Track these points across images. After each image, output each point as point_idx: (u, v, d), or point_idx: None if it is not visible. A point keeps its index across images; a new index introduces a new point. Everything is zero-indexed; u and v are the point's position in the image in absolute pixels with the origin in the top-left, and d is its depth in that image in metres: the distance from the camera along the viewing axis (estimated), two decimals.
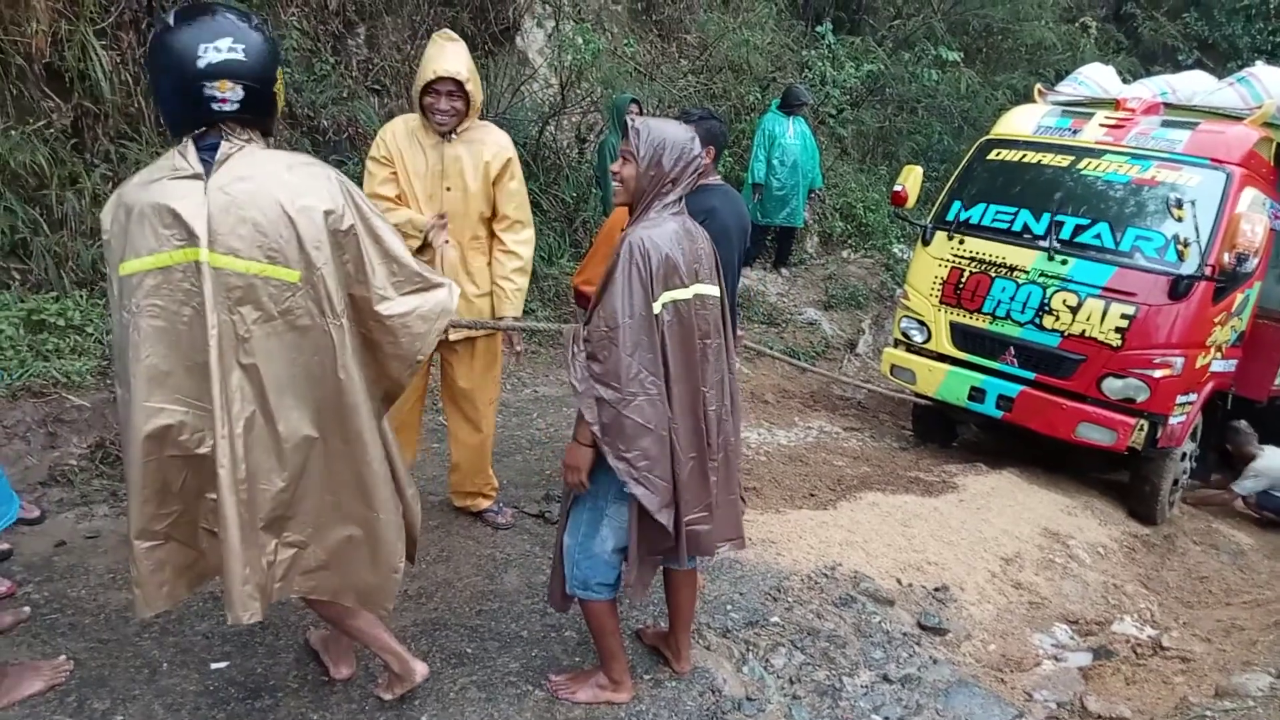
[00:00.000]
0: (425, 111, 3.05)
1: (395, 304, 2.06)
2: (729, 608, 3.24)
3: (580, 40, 7.51)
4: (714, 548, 2.57)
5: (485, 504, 3.72)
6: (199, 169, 1.87)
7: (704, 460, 2.42)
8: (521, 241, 3.32)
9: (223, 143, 1.89)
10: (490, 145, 3.18)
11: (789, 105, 8.05)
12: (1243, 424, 5.92)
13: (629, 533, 2.39)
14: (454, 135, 3.11)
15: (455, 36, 3.06)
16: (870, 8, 11.72)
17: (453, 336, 3.25)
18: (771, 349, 7.26)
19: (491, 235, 3.31)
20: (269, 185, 1.89)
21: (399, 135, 3.12)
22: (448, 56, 2.99)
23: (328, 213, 1.94)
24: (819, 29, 10.54)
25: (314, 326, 1.95)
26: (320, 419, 2.01)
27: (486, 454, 3.62)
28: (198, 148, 1.89)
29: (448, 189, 3.14)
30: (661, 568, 2.68)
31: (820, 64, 10.11)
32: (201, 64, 1.81)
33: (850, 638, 3.22)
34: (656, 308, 2.25)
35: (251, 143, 1.94)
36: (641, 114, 6.96)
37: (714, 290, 2.45)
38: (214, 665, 2.59)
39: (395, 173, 3.12)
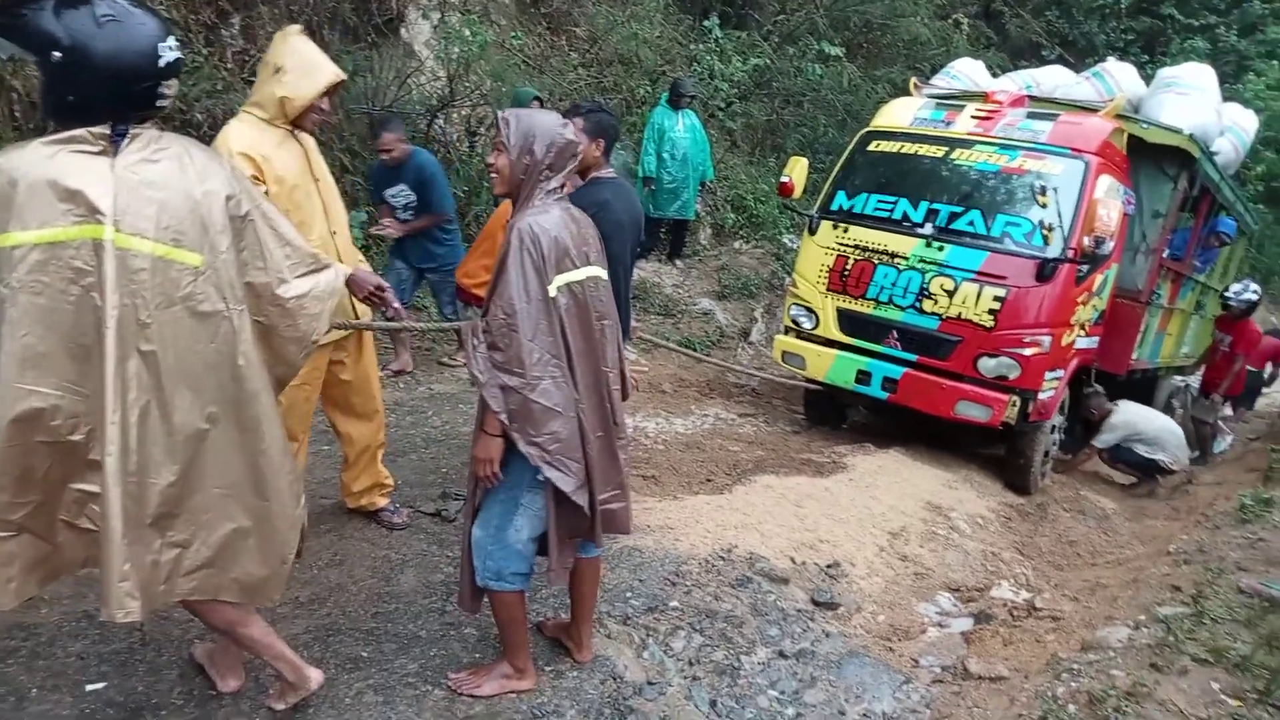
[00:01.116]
0: (306, 112, 2.95)
1: (293, 286, 2.08)
2: (629, 595, 3.28)
3: (467, 32, 7.41)
4: (629, 525, 2.63)
5: (382, 503, 3.66)
6: (107, 147, 1.82)
7: (611, 439, 2.46)
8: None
9: (131, 127, 1.86)
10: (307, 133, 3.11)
11: (676, 98, 8.12)
12: (1096, 388, 6.34)
13: (547, 518, 2.41)
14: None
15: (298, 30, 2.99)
16: (755, 3, 11.93)
17: (335, 336, 3.16)
18: (668, 340, 7.35)
19: None
20: (175, 168, 1.88)
21: (254, 141, 2.88)
22: (323, 54, 2.96)
23: (228, 198, 1.93)
24: (706, 23, 10.69)
25: (215, 313, 1.92)
26: (216, 408, 1.96)
27: (380, 442, 3.56)
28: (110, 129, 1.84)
29: (316, 180, 3.06)
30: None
31: (708, 58, 10.27)
32: (162, 63, 1.83)
33: (747, 617, 3.30)
34: (552, 291, 2.28)
35: (151, 128, 1.91)
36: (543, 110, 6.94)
37: (604, 272, 2.50)
38: (90, 687, 2.46)
39: (267, 191, 2.90)
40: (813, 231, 6.04)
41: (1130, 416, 6.29)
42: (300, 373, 3.05)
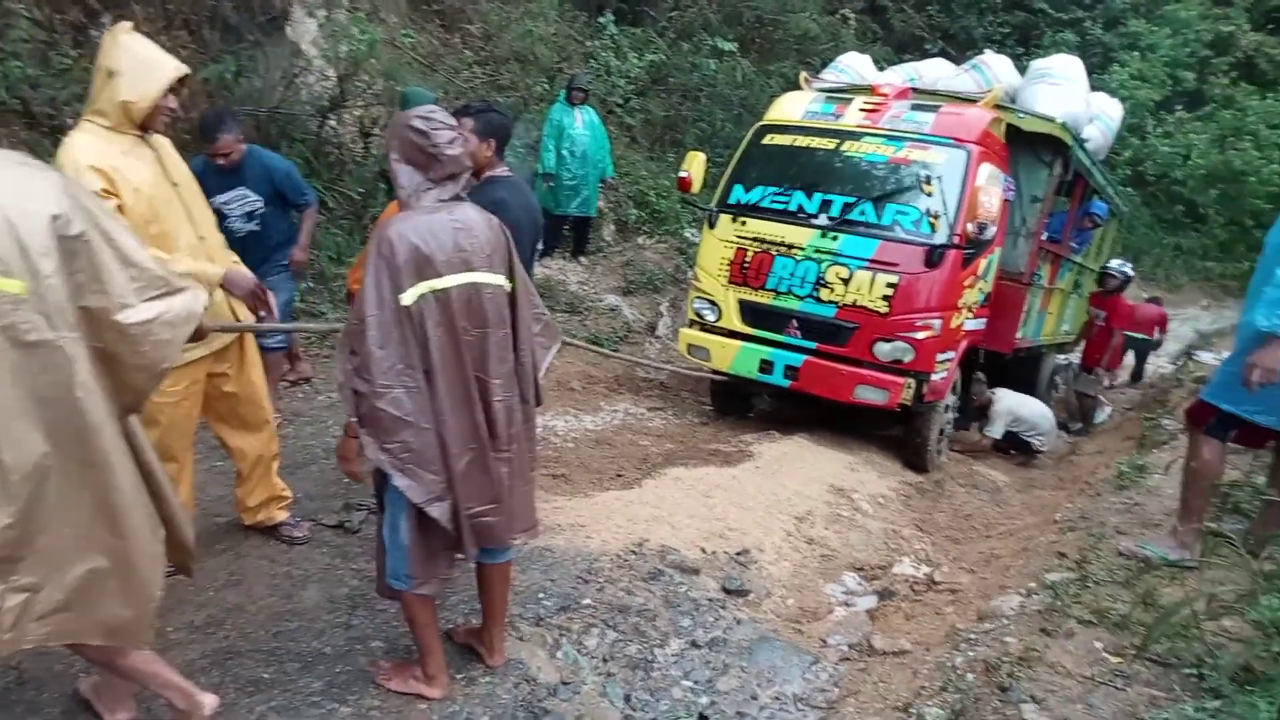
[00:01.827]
0: (153, 114, 2.77)
1: (137, 311, 1.90)
2: (541, 595, 3.27)
3: (355, 30, 7.22)
4: (508, 539, 2.59)
5: (281, 517, 3.53)
6: None
7: (485, 452, 2.41)
8: None
9: None
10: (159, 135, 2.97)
11: (572, 94, 8.11)
12: (978, 375, 6.66)
13: (407, 525, 2.38)
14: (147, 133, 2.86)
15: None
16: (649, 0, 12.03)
17: (216, 344, 3.04)
18: (575, 337, 7.34)
19: None
20: None
21: (101, 152, 2.70)
22: (159, 50, 2.80)
23: (54, 217, 1.75)
24: (601, 19, 10.70)
25: (43, 342, 1.76)
26: (54, 444, 1.80)
27: (274, 452, 3.44)
28: None
29: (175, 184, 2.91)
30: (475, 565, 2.68)
31: (604, 54, 10.28)
32: None
33: (660, 610, 3.33)
34: (407, 299, 2.24)
35: None
36: None
37: (496, 279, 2.44)
38: None
39: (121, 205, 2.72)
40: (712, 225, 6.12)
41: (1010, 404, 6.64)
42: (178, 388, 2.95)
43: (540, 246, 4.41)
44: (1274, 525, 3.29)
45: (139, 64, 2.72)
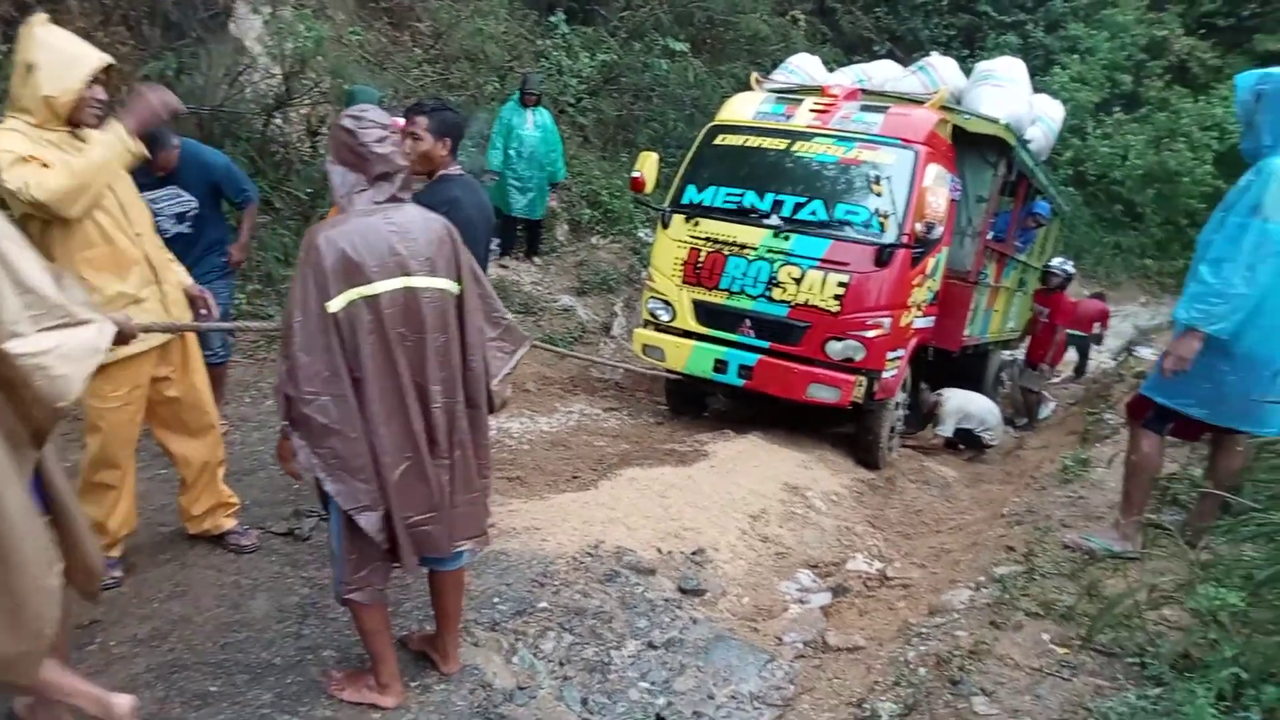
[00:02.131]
0: (79, 107, 2.69)
1: (29, 341, 1.78)
2: (496, 600, 3.24)
3: (301, 27, 7.09)
4: (449, 548, 2.51)
5: (228, 525, 3.45)
6: None
7: (423, 461, 2.35)
8: None
9: None
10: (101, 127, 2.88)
11: (525, 95, 8.04)
12: (923, 385, 6.83)
13: (341, 532, 2.35)
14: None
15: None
16: None
17: (156, 341, 2.96)
18: (529, 338, 7.29)
19: None
20: None
21: (28, 152, 2.59)
22: (79, 41, 2.72)
23: None
24: (552, 19, 10.66)
25: None
26: None
27: (219, 459, 3.36)
28: None
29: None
30: (428, 571, 2.64)
31: (556, 54, 10.23)
32: None
33: (616, 611, 3.32)
34: (334, 306, 2.19)
35: None
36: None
37: (437, 283, 2.37)
38: None
39: None
40: (665, 225, 6.13)
41: (959, 402, 6.80)
42: (120, 393, 2.87)
43: (495, 246, 4.37)
44: (1210, 516, 3.40)
45: (57, 56, 2.64)
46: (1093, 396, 8.57)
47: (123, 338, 2.18)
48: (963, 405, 6.76)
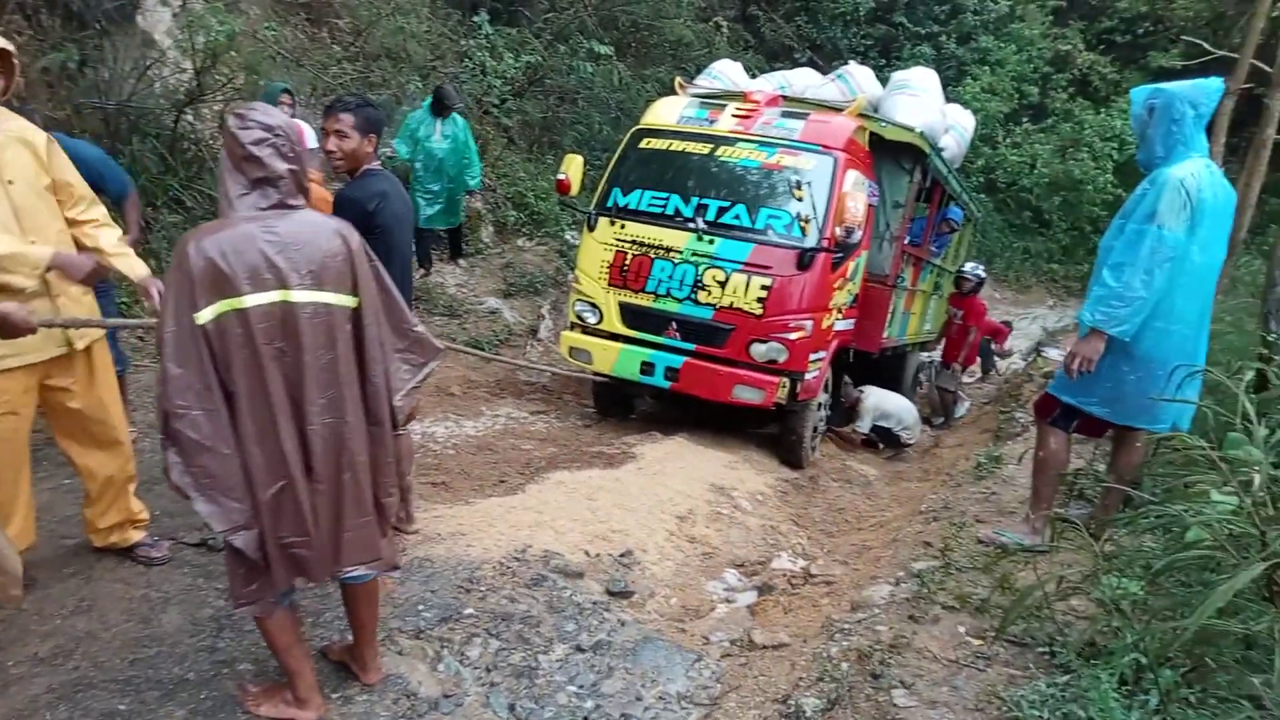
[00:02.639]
0: None
1: None
2: (420, 607, 3.19)
3: (213, 20, 6.85)
4: (324, 576, 2.40)
5: (137, 537, 3.31)
6: None
7: (295, 485, 2.23)
8: (104, 213, 3.05)
9: None
10: (22, 125, 2.78)
11: (438, 106, 7.75)
12: (846, 379, 7.00)
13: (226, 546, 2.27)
14: None
15: None
16: (525, 0, 11.94)
17: (45, 354, 2.83)
18: (454, 341, 7.20)
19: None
20: None
21: None
22: None
23: None
24: (475, 19, 10.55)
25: None
26: None
27: (129, 474, 3.22)
28: None
29: (10, 182, 2.69)
30: (340, 583, 2.58)
31: (479, 54, 10.14)
32: None
33: (544, 616, 3.31)
34: (205, 318, 2.09)
35: None
36: (294, 105, 6.55)
37: (322, 298, 2.23)
38: None
39: None
40: (592, 228, 6.13)
41: (877, 400, 6.99)
42: (2, 400, 2.73)
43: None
44: (1113, 510, 3.57)
45: None
46: (1004, 396, 8.89)
47: (10, 330, 2.04)
48: (879, 404, 6.95)
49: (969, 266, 8.79)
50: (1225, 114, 9.14)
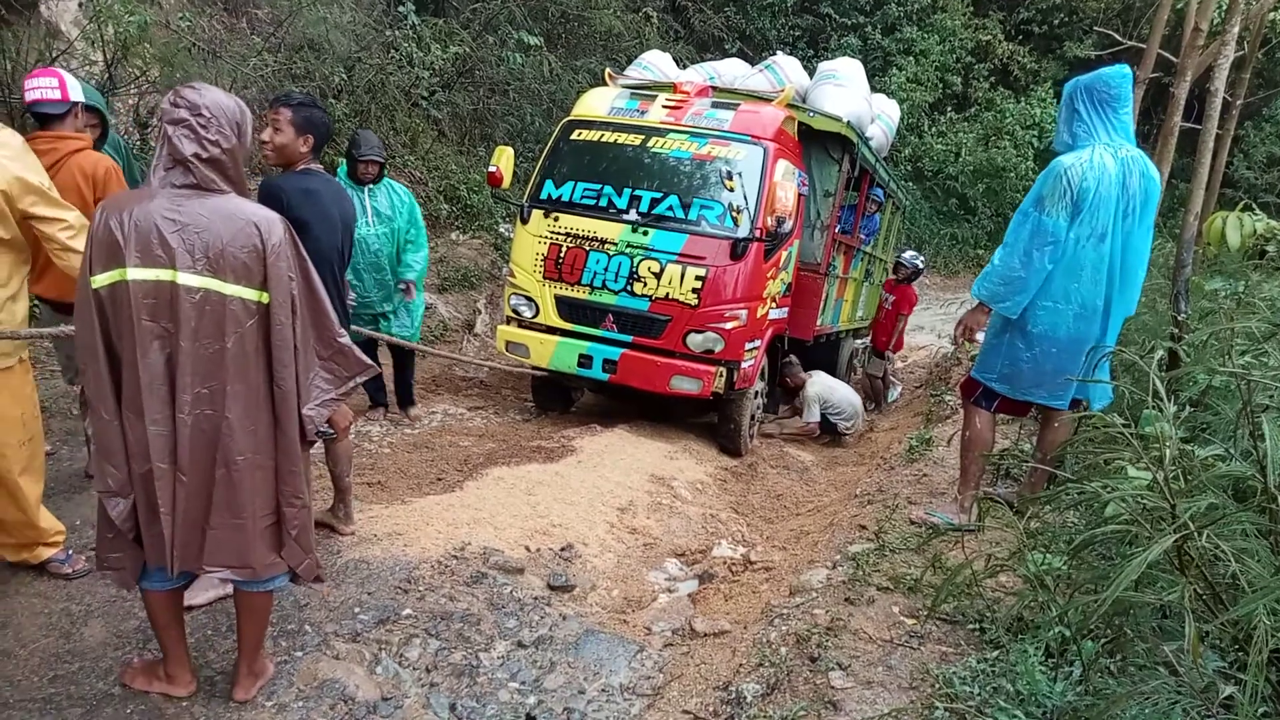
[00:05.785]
0: None
1: None
2: (357, 610, 3.14)
3: (123, 11, 6.58)
4: (177, 569, 2.29)
5: (49, 553, 3.17)
6: None
7: (154, 473, 2.18)
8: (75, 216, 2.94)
9: None
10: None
11: (357, 166, 5.26)
12: (791, 358, 7.05)
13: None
14: None
15: None
16: None
17: None
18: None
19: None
20: None
21: None
22: None
23: None
24: (401, 9, 10.35)
25: None
26: None
27: (28, 504, 3.01)
28: None
29: None
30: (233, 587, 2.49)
31: (406, 45, 9.95)
32: None
33: (484, 613, 3.29)
34: (99, 281, 2.13)
35: None
36: None
37: (214, 285, 2.16)
38: None
39: None
40: (525, 221, 6.08)
41: (821, 389, 7.06)
42: None
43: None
44: (1039, 488, 3.69)
45: None
46: (934, 379, 9.12)
47: None
48: (823, 394, 7.03)
49: (908, 255, 8.95)
50: (1134, 102, 9.47)
